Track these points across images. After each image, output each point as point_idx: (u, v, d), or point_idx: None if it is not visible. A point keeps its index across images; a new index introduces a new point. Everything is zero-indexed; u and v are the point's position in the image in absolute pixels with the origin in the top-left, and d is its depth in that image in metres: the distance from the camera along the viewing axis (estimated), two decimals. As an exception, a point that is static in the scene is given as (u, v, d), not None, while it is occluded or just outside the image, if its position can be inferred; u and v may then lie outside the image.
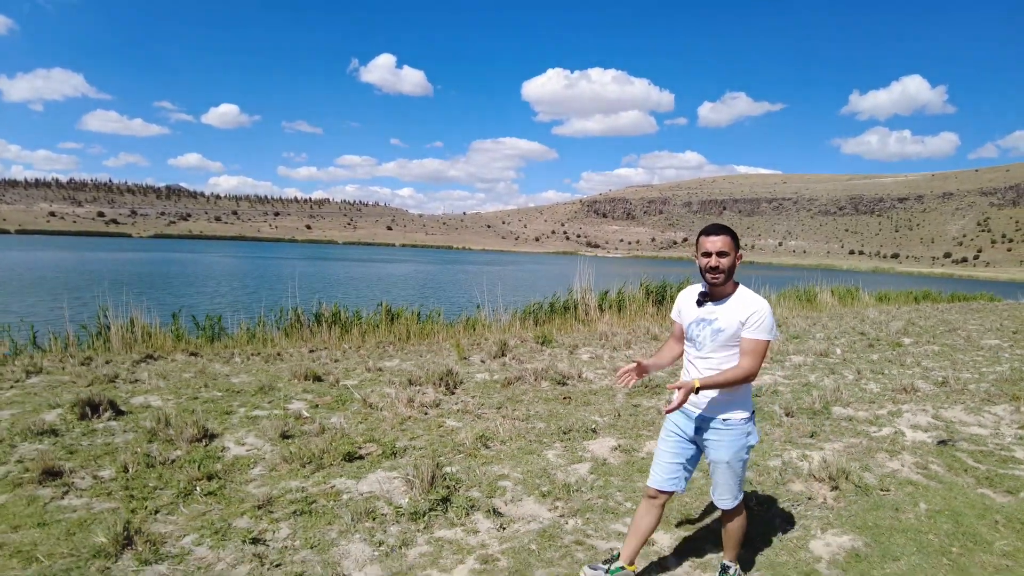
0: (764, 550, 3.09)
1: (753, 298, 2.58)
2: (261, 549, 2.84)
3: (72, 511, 3.15)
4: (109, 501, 3.27)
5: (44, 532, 2.92)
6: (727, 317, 2.56)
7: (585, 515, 3.39)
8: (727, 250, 2.53)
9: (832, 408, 5.50)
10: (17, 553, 2.71)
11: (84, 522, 3.04)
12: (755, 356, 2.51)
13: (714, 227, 2.59)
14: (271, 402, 5.31)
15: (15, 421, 4.68)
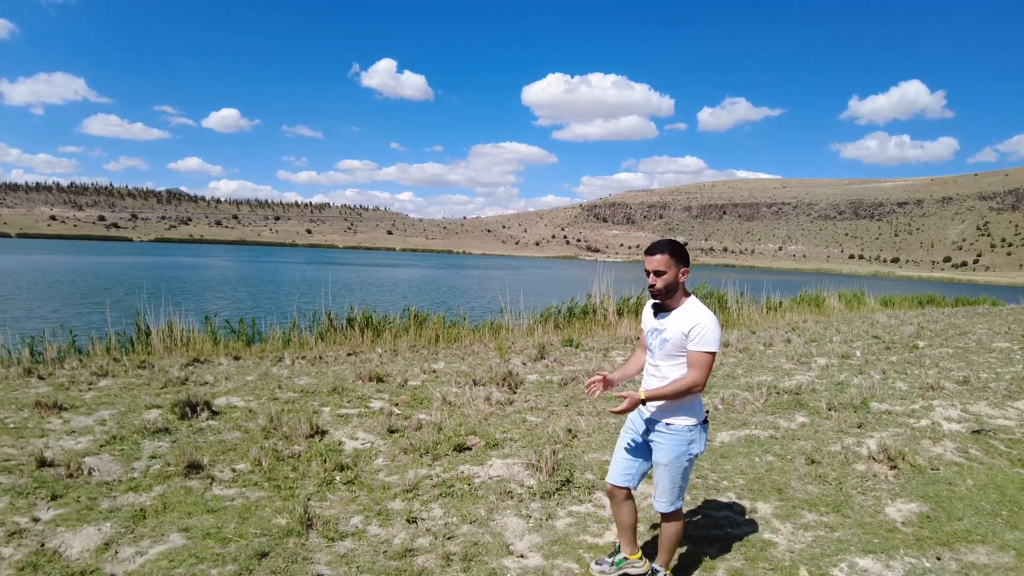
0: (850, 515, 3.63)
1: (698, 311, 2.65)
2: (427, 526, 3.29)
3: (230, 500, 3.57)
4: (260, 490, 3.70)
5: (217, 517, 3.33)
6: (672, 328, 2.67)
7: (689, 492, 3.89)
8: (663, 268, 2.63)
9: (870, 403, 6.01)
10: (207, 535, 3.12)
11: (251, 508, 3.46)
12: (700, 368, 2.59)
13: (654, 245, 2.71)
14: (350, 401, 5.76)
15: (120, 421, 5.10)
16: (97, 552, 2.93)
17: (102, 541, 3.03)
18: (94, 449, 4.37)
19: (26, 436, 4.73)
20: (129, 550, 2.97)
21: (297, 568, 2.84)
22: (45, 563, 2.81)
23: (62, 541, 3.03)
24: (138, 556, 2.91)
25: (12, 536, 3.07)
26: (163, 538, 3.09)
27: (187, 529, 3.18)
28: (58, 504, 3.46)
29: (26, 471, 3.87)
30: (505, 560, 3.03)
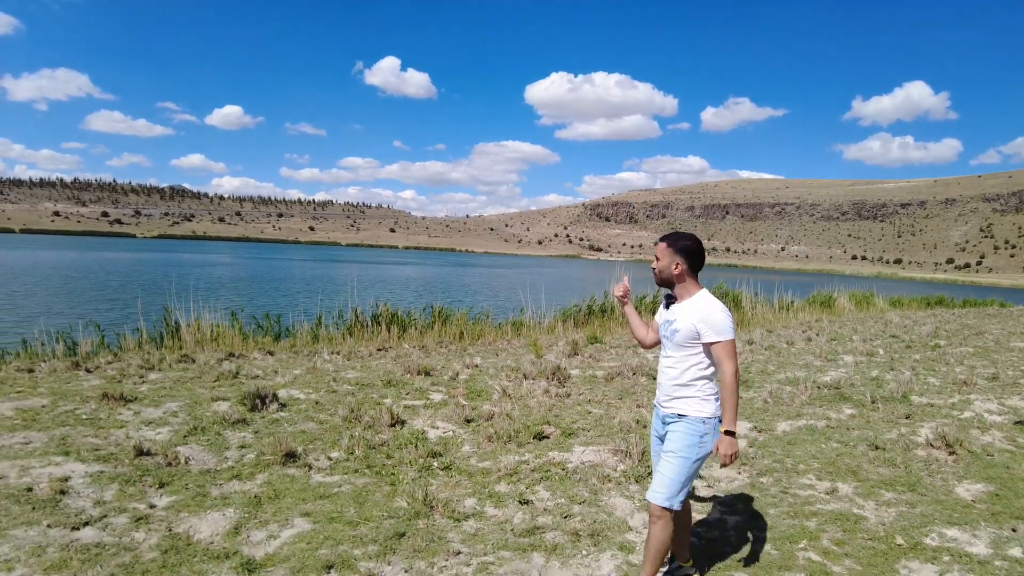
0: (926, 494, 3.92)
1: (706, 301, 2.70)
2: (541, 507, 3.52)
3: (337, 486, 3.78)
4: (363, 477, 3.92)
5: (332, 503, 3.53)
6: (683, 319, 2.71)
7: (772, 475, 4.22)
8: (658, 255, 2.78)
9: (911, 397, 6.27)
10: (331, 519, 3.33)
11: (362, 493, 3.68)
12: (729, 357, 2.61)
13: (663, 236, 2.85)
14: (408, 394, 5.99)
15: (191, 413, 5.27)
16: (228, 536, 3.13)
17: (230, 526, 3.22)
18: (178, 439, 4.55)
19: (105, 427, 4.89)
20: (260, 534, 3.17)
21: (436, 546, 3.06)
22: (184, 546, 3.00)
23: (189, 526, 3.23)
24: (271, 539, 3.11)
25: (138, 521, 3.25)
26: (288, 522, 3.29)
27: (308, 514, 3.38)
28: (168, 491, 3.65)
29: (125, 460, 4.06)
30: (628, 535, 3.28)
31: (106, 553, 2.91)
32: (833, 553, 3.12)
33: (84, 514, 3.31)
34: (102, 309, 18.55)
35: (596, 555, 3.07)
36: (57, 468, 3.97)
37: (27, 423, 4.94)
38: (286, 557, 2.93)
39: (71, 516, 3.28)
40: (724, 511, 3.64)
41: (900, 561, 3.07)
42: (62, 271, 36.37)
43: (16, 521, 3.19)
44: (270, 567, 2.83)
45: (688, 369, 2.71)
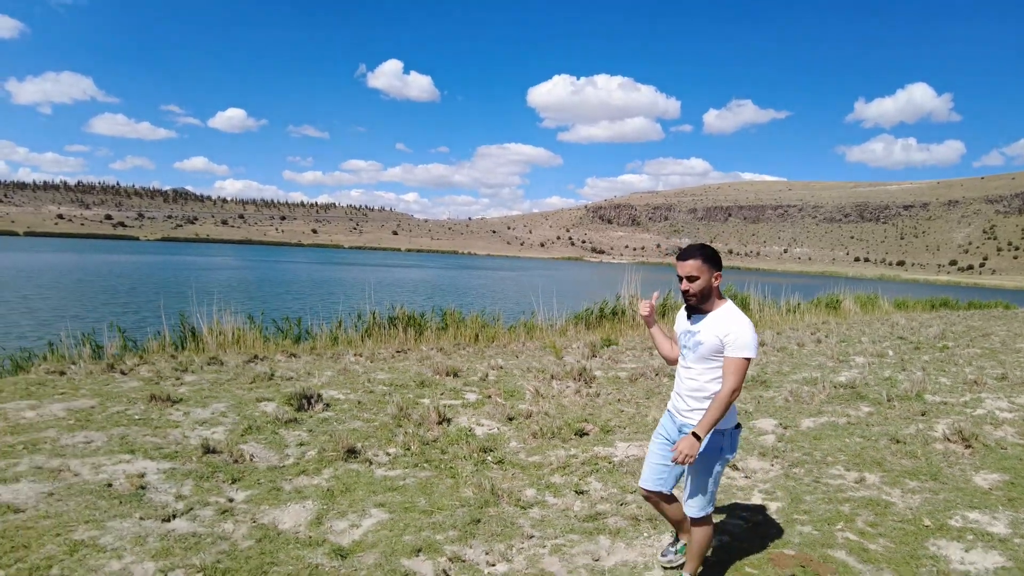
0: (947, 482, 4.22)
1: (734, 316, 2.68)
2: (597, 496, 3.79)
3: (401, 479, 4.04)
4: (424, 470, 4.19)
5: (401, 494, 3.79)
6: (708, 331, 2.69)
7: (803, 466, 4.50)
8: (696, 274, 2.66)
9: (924, 396, 6.55)
10: (406, 509, 3.58)
11: (427, 485, 3.94)
12: (737, 374, 2.60)
13: (687, 250, 2.74)
14: (443, 394, 6.26)
15: (241, 412, 5.49)
16: (311, 526, 3.38)
17: (312, 517, 3.48)
18: (237, 438, 4.77)
19: (161, 427, 5.10)
20: (341, 523, 3.43)
21: (511, 531, 3.35)
22: (274, 536, 3.25)
23: (273, 517, 3.48)
24: (353, 528, 3.37)
25: (223, 514, 3.50)
26: (365, 513, 3.55)
27: (382, 504, 3.65)
28: (242, 486, 3.90)
29: (193, 457, 4.29)
30: None
31: (203, 542, 3.16)
32: (868, 533, 3.43)
33: (169, 507, 3.54)
34: (117, 312, 18.80)
35: (657, 537, 3.37)
36: (128, 465, 4.19)
37: (82, 423, 5.14)
38: (373, 543, 3.18)
39: (158, 509, 3.52)
40: (765, 498, 3.94)
41: (929, 540, 3.38)
42: (72, 274, 36.63)
43: (108, 514, 3.43)
44: (360, 552, 3.09)
45: (711, 381, 2.71)
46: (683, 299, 2.77)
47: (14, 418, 5.16)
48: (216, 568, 2.89)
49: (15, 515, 3.37)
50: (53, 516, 3.38)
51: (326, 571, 2.90)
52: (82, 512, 3.43)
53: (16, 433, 4.77)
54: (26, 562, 2.88)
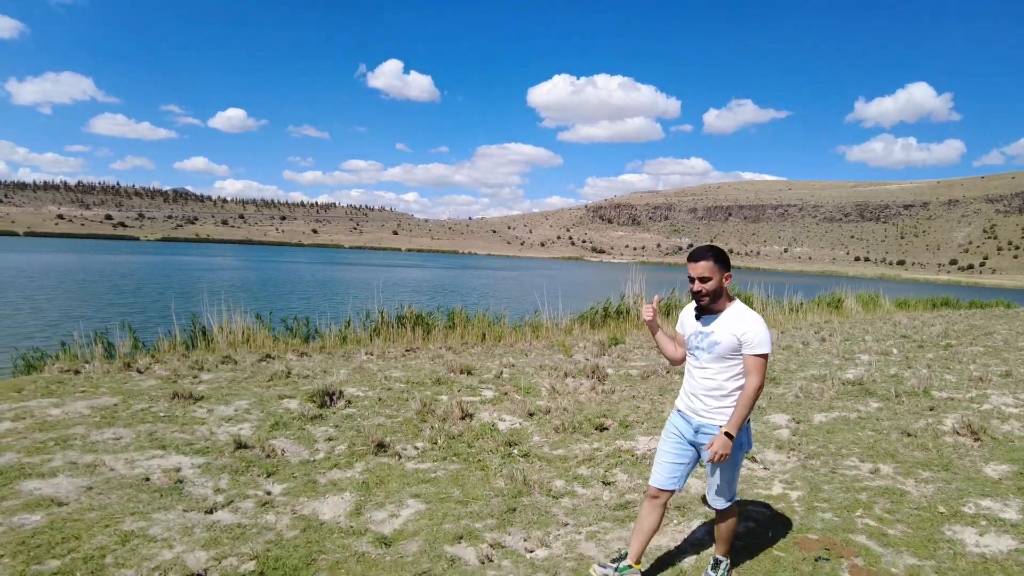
0: (958, 472, 4.38)
1: (748, 314, 2.74)
2: (623, 486, 3.95)
3: (432, 471, 4.19)
4: (453, 463, 4.34)
5: (435, 486, 3.93)
6: (723, 331, 2.73)
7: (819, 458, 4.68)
8: (708, 275, 2.70)
9: (931, 392, 6.71)
10: (441, 499, 3.72)
11: (459, 477, 4.09)
12: (759, 371, 2.69)
13: (698, 251, 2.78)
14: (460, 391, 6.39)
15: (264, 409, 5.59)
16: (351, 516, 3.51)
17: (351, 508, 3.62)
18: (265, 434, 4.87)
19: (188, 423, 5.20)
20: (380, 514, 3.56)
21: (546, 519, 3.50)
22: (317, 526, 3.38)
23: (312, 509, 3.60)
24: (393, 518, 3.51)
25: (264, 506, 3.62)
26: (402, 503, 3.69)
27: (418, 496, 3.79)
28: (277, 480, 4.02)
29: (225, 452, 4.40)
30: (708, 509, 3.68)
31: (249, 532, 3.29)
32: (886, 519, 3.59)
33: (209, 500, 3.66)
34: (123, 313, 18.86)
35: (687, 523, 3.53)
36: (162, 460, 4.30)
37: (108, 420, 5.23)
38: (415, 532, 3.32)
39: (199, 502, 3.63)
40: (786, 487, 4.10)
41: (944, 525, 3.53)
42: (75, 275, 36.69)
43: (151, 507, 3.54)
44: (402, 540, 3.22)
45: (729, 380, 2.75)
46: (695, 300, 2.80)
47: (40, 415, 5.26)
48: (267, 556, 3.01)
49: (59, 508, 3.49)
50: (97, 508, 3.49)
51: (372, 558, 3.03)
52: (125, 505, 3.55)
53: (45, 430, 4.88)
54: (79, 552, 3.00)
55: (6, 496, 3.61)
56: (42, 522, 3.31)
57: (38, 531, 3.20)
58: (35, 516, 3.38)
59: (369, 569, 2.96)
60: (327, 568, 2.95)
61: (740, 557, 3.19)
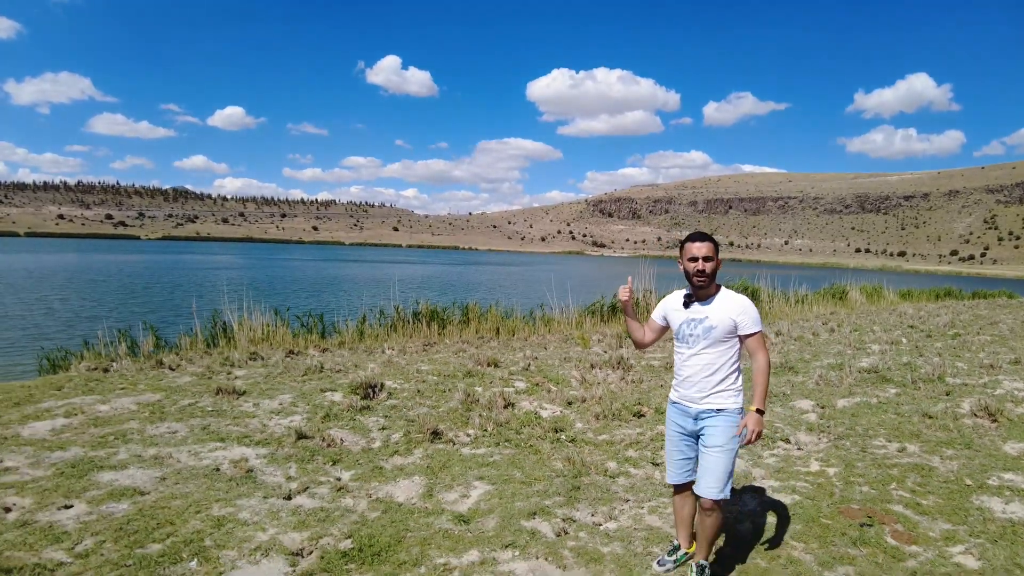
0: (980, 450, 4.68)
1: (739, 298, 2.86)
2: None
3: (489, 456, 4.46)
4: (507, 448, 4.62)
5: (496, 468, 4.20)
6: (717, 315, 2.83)
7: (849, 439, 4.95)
8: (711, 255, 2.82)
9: (945, 378, 6.98)
10: (505, 481, 3.99)
11: (516, 460, 4.37)
12: (763, 348, 2.83)
13: (698, 234, 2.89)
14: (492, 383, 6.64)
15: (309, 402, 5.81)
16: (424, 498, 3.76)
17: (422, 491, 3.87)
18: (318, 425, 5.07)
19: (239, 417, 5.39)
20: (451, 495, 3.83)
21: (608, 496, 3.80)
22: (395, 507, 3.61)
23: (386, 492, 3.85)
24: (464, 499, 3.77)
25: (339, 491, 3.84)
26: (470, 485, 3.95)
27: (482, 478, 4.05)
28: (344, 467, 4.24)
29: (287, 443, 4.61)
30: (754, 483, 4.09)
31: (333, 515, 3.51)
32: (919, 491, 3.89)
33: (284, 487, 3.86)
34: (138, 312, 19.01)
35: (737, 497, 3.81)
36: (226, 452, 4.49)
37: (157, 415, 5.42)
38: (489, 510, 3.58)
39: (275, 489, 3.83)
40: (822, 465, 4.39)
41: (972, 496, 3.84)
42: (84, 275, 36.79)
43: (232, 494, 3.74)
44: (479, 518, 3.48)
45: (724, 364, 2.83)
46: (696, 281, 2.84)
47: (90, 412, 5.46)
48: (359, 535, 3.26)
49: (142, 497, 3.72)
50: (180, 497, 3.71)
51: (456, 534, 3.29)
52: (206, 493, 3.76)
53: (99, 425, 5.08)
54: (178, 535, 3.23)
55: (87, 487, 3.83)
56: (130, 510, 3.53)
57: (131, 518, 3.42)
58: (122, 505, 3.61)
59: (456, 543, 3.22)
60: (417, 543, 3.21)
61: (793, 524, 3.49)
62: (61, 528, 3.31)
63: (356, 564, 3.01)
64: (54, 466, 4.16)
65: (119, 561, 2.97)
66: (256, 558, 3.03)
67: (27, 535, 3.22)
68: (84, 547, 3.11)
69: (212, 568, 2.93)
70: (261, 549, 3.11)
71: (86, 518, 3.43)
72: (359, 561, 3.04)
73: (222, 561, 2.99)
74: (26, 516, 3.43)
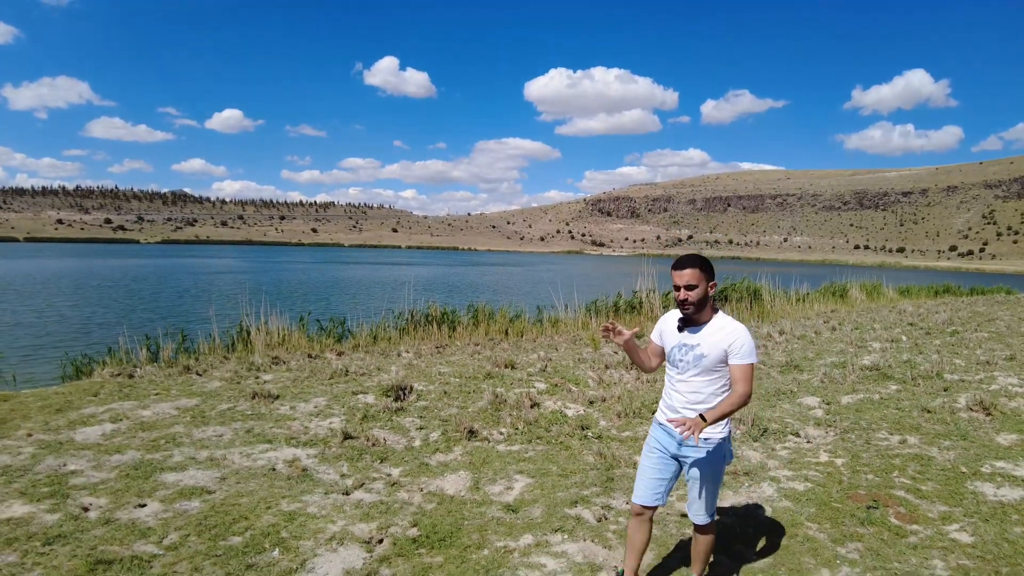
0: (975, 441, 5.05)
1: (733, 325, 2.68)
2: None
3: (523, 452, 4.77)
4: (539, 445, 4.96)
5: (532, 463, 4.51)
6: (709, 343, 2.67)
7: (854, 432, 5.34)
8: (695, 282, 2.64)
9: (943, 375, 7.40)
10: (544, 474, 4.31)
11: (550, 455, 4.70)
12: (747, 381, 2.62)
13: (683, 260, 2.70)
14: (512, 384, 6.97)
15: (343, 404, 6.04)
16: (472, 490, 4.10)
17: (470, 484, 4.20)
18: (357, 426, 5.31)
19: (280, 419, 5.59)
20: (496, 487, 4.16)
21: (630, 484, 4.06)
22: (448, 499, 3.94)
23: (436, 486, 4.16)
24: (508, 491, 4.11)
25: (393, 486, 4.13)
26: (511, 478, 4.29)
27: (522, 472, 4.38)
28: (391, 464, 4.53)
29: (333, 443, 4.86)
30: (771, 472, 4.47)
31: (393, 507, 3.82)
32: (918, 478, 4.29)
33: (341, 484, 4.12)
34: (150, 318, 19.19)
35: (756, 485, 4.19)
36: (276, 453, 4.70)
37: (200, 420, 5.59)
38: (533, 500, 3.91)
39: (333, 485, 4.08)
40: (830, 456, 4.77)
41: (967, 482, 4.24)
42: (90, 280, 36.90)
43: (295, 491, 3.97)
44: (526, 507, 3.82)
45: (712, 392, 2.70)
46: (680, 309, 2.74)
47: (135, 417, 5.63)
48: (423, 523, 3.59)
49: (210, 495, 3.94)
50: (246, 494, 3.93)
51: (508, 521, 3.63)
52: (270, 490, 4.00)
53: (147, 430, 5.28)
54: (255, 528, 3.49)
55: (155, 488, 4.05)
56: (203, 507, 3.76)
57: (206, 514, 3.66)
58: (193, 503, 3.83)
59: (511, 529, 3.56)
60: (476, 530, 3.55)
61: (805, 508, 3.87)
62: (143, 524, 3.54)
63: (426, 549, 3.35)
64: (116, 468, 4.36)
65: (207, 552, 3.25)
66: (333, 546, 3.35)
67: (113, 531, 3.45)
68: (171, 540, 3.36)
69: (294, 556, 3.23)
70: (336, 539, 3.42)
71: (163, 515, 3.66)
72: (428, 546, 3.37)
73: (301, 550, 3.30)
74: (106, 514, 3.65)
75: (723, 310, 2.80)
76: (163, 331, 9.36)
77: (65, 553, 3.20)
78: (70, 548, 3.25)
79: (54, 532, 3.41)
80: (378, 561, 3.22)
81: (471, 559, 3.27)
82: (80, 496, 3.90)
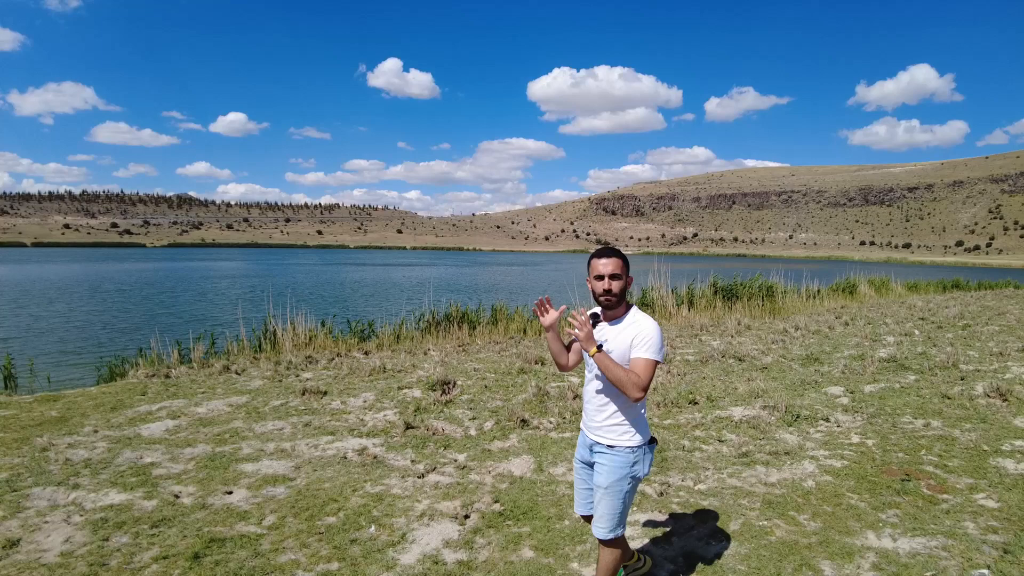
0: (994, 423, 5.39)
1: (643, 319, 2.56)
2: (736, 442, 4.95)
3: (573, 438, 5.12)
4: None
5: None
6: (618, 339, 2.55)
7: (880, 417, 5.70)
8: (619, 272, 2.55)
9: (959, 365, 7.74)
10: None
11: None
12: (647, 373, 2.45)
13: (605, 250, 2.61)
14: (546, 378, 7.34)
15: (392, 398, 6.39)
16: (536, 472, 4.46)
17: (534, 467, 4.56)
18: (412, 417, 5.61)
19: (336, 413, 5.92)
20: (558, 469, 4.52)
21: (692, 465, 4.56)
22: (517, 480, 4.28)
23: (504, 469, 4.50)
24: (570, 472, 4.44)
25: (463, 469, 4.46)
26: (568, 463, 4.62)
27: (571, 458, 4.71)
28: (455, 450, 4.85)
29: (396, 433, 5.20)
30: (809, 452, 4.82)
31: (469, 488, 4.15)
32: (944, 456, 4.68)
33: (413, 468, 4.42)
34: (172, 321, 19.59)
35: (798, 463, 4.57)
36: (342, 443, 4.99)
37: (256, 415, 5.87)
38: None
39: (407, 470, 4.38)
40: (861, 438, 5.15)
41: (989, 458, 4.61)
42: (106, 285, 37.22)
43: (373, 476, 4.28)
44: None
45: (619, 393, 2.56)
46: (603, 300, 2.60)
47: (191, 414, 5.93)
48: (504, 499, 3.96)
49: (292, 482, 4.20)
50: (327, 480, 4.21)
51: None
52: (349, 476, 4.28)
53: (207, 425, 5.55)
54: (347, 509, 3.80)
55: (237, 476, 4.30)
56: (290, 492, 4.02)
57: (295, 498, 3.92)
58: (279, 489, 4.10)
59: None
60: (552, 504, 3.92)
61: (845, 482, 4.25)
62: (238, 508, 3.79)
63: (513, 521, 3.72)
64: (192, 460, 4.63)
65: (308, 530, 3.54)
66: (425, 521, 3.70)
67: (212, 515, 3.70)
68: (270, 522, 3.62)
69: (392, 531, 3.57)
70: (425, 515, 3.76)
71: (254, 500, 3.91)
72: (514, 519, 3.74)
73: (396, 526, 3.63)
74: (199, 500, 3.90)
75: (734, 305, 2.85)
76: (193, 334, 9.74)
77: (174, 534, 3.47)
78: (177, 530, 3.52)
79: (157, 516, 3.68)
80: (472, 532, 3.59)
81: (556, 528, 3.64)
82: (168, 485, 4.17)
